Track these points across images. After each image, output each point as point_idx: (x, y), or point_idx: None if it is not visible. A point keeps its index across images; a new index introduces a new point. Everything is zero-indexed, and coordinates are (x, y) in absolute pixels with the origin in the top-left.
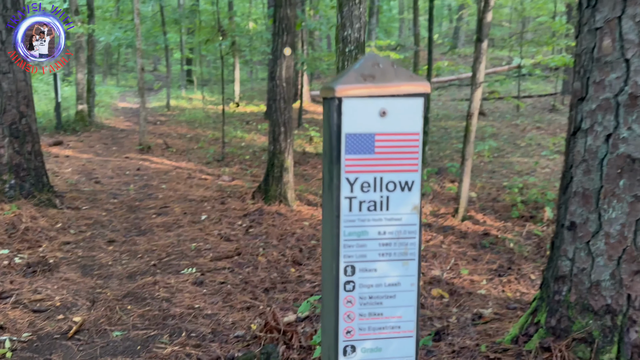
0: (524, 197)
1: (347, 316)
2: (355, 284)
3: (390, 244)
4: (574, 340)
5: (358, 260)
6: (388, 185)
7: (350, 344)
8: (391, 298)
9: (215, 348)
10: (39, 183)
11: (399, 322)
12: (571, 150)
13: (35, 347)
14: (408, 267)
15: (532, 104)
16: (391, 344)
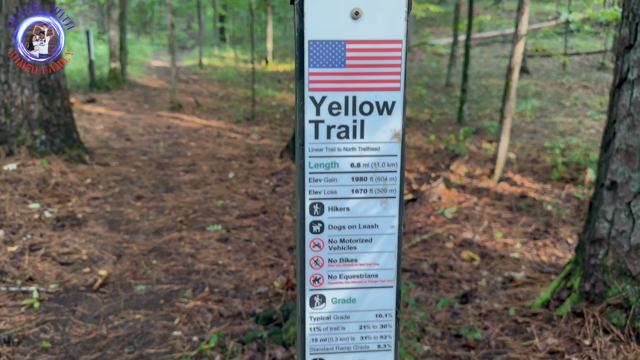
0: (566, 158)
1: (315, 262)
2: (324, 224)
3: (365, 179)
4: (609, 305)
5: (327, 197)
6: (363, 107)
7: (319, 293)
8: (367, 242)
9: (237, 304)
10: (69, 139)
11: (376, 270)
12: (615, 103)
13: (62, 298)
14: (387, 206)
15: (580, 62)
16: (367, 295)
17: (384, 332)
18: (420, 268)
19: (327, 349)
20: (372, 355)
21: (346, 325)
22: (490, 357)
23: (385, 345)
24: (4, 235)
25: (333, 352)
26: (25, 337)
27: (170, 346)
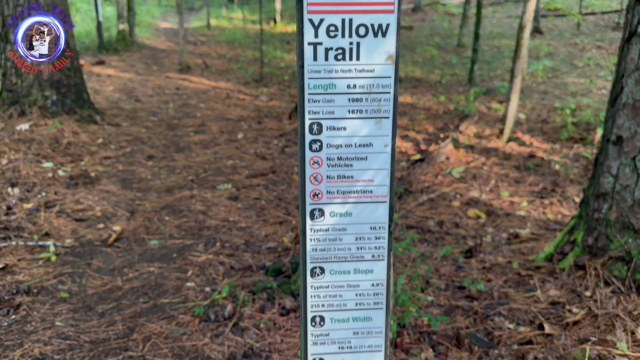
0: (576, 118)
1: (314, 178)
2: (323, 143)
3: (361, 100)
4: (611, 258)
5: (325, 117)
6: (359, 29)
7: (318, 207)
8: (362, 160)
9: (247, 257)
10: (80, 99)
11: (370, 186)
12: (624, 57)
13: (78, 252)
14: (381, 125)
15: (595, 22)
16: (362, 209)
17: (377, 244)
18: (426, 225)
19: (325, 258)
20: (367, 265)
21: (343, 237)
22: (492, 308)
23: (379, 256)
24: (20, 193)
25: (331, 261)
26: (44, 288)
27: (183, 296)
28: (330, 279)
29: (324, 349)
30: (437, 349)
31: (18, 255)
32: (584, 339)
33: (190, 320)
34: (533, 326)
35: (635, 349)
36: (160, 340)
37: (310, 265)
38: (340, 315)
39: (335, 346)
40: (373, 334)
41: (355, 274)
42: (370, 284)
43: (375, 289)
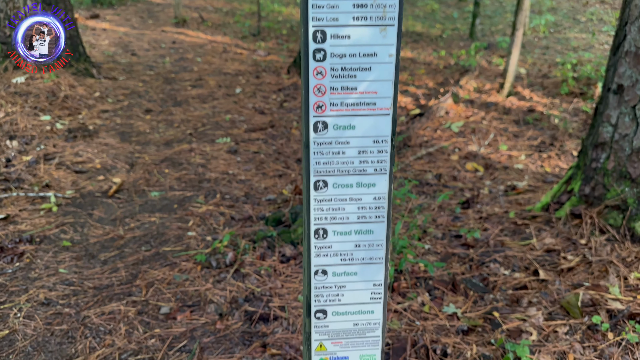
0: (577, 73)
1: (318, 89)
2: (326, 52)
3: (366, 5)
4: (607, 207)
5: (329, 24)
6: None
7: (322, 119)
8: (366, 71)
9: (247, 209)
10: (76, 52)
11: (374, 98)
12: (628, 4)
13: (79, 203)
14: (386, 34)
15: None
16: (365, 122)
17: (380, 157)
18: (425, 178)
19: (329, 171)
20: (369, 178)
21: (346, 150)
22: (488, 255)
23: (381, 169)
24: (18, 146)
25: (334, 174)
26: (46, 237)
27: (185, 244)
28: (333, 192)
29: (327, 261)
30: (433, 293)
31: (19, 205)
32: (577, 284)
33: (193, 267)
34: (528, 272)
35: (627, 294)
36: (163, 285)
37: (314, 179)
38: (342, 228)
39: (338, 258)
40: (374, 246)
41: (358, 188)
42: (372, 198)
43: (377, 202)
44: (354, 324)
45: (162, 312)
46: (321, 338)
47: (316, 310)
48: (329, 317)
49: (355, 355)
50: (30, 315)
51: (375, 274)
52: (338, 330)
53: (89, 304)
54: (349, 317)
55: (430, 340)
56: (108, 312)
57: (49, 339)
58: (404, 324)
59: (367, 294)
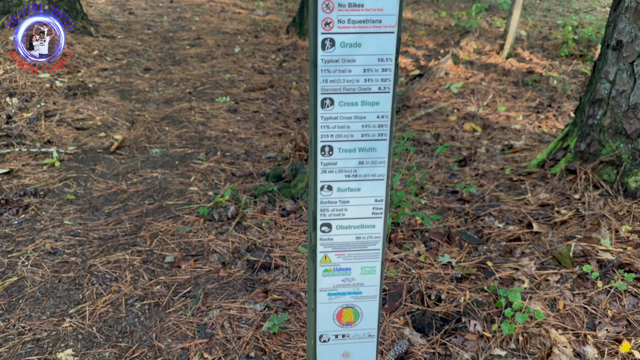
0: (577, 35)
1: (326, 5)
2: None
3: None
4: (601, 163)
5: None
6: None
7: (329, 37)
8: None
9: (248, 165)
10: (72, 10)
11: (380, 15)
12: None
13: (81, 158)
14: None
15: None
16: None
17: (384, 76)
18: (423, 138)
19: (335, 89)
20: (374, 96)
21: (352, 68)
22: (483, 209)
23: (385, 88)
24: (19, 102)
25: (340, 92)
26: (50, 190)
27: (187, 199)
28: (339, 110)
29: (332, 177)
30: (428, 244)
31: (22, 161)
32: (570, 237)
33: (195, 220)
34: (522, 225)
35: (617, 245)
36: (167, 237)
37: (321, 97)
38: (347, 145)
39: (342, 174)
40: (377, 163)
41: (363, 106)
42: (376, 116)
43: (380, 120)
44: (356, 237)
45: (167, 261)
46: (326, 250)
47: (322, 224)
48: (334, 230)
49: (357, 267)
50: (38, 263)
51: (377, 190)
52: (342, 243)
53: (94, 254)
54: (352, 231)
55: (425, 287)
56: (113, 260)
57: (57, 286)
58: (400, 272)
59: (369, 209)
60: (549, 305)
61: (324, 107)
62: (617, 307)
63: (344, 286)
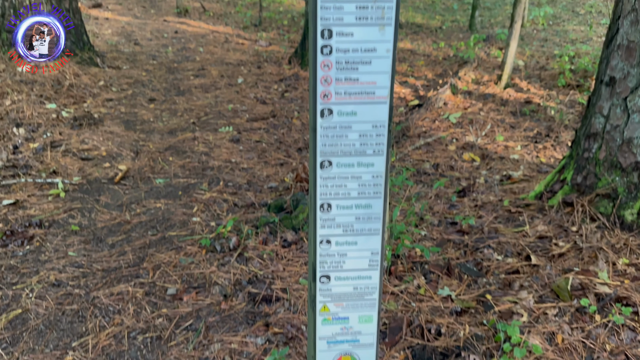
0: (574, 65)
1: (324, 80)
2: (332, 48)
3: (367, 7)
4: (598, 196)
5: (335, 23)
6: None
7: (328, 107)
8: (367, 64)
9: (250, 196)
10: (80, 41)
11: (373, 88)
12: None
13: (85, 189)
14: (384, 32)
15: None
16: (366, 109)
17: (378, 140)
18: (423, 168)
19: (333, 152)
20: (369, 159)
21: (349, 134)
22: (482, 241)
23: (379, 151)
24: (25, 133)
25: (338, 155)
26: (55, 221)
27: (190, 229)
28: (337, 171)
29: (330, 232)
30: (428, 276)
31: (28, 191)
32: (568, 269)
33: (198, 251)
34: (520, 258)
35: (615, 278)
36: (169, 268)
37: (320, 159)
38: (344, 202)
39: (340, 229)
40: (372, 219)
41: (359, 167)
42: (371, 176)
43: (375, 180)
44: (353, 287)
45: (169, 293)
46: (325, 300)
47: (321, 276)
48: (332, 281)
49: (355, 316)
50: (42, 295)
51: (373, 244)
52: (340, 294)
53: (98, 285)
54: (350, 282)
55: (425, 321)
56: (116, 293)
57: (61, 318)
58: (400, 305)
59: (365, 261)
60: (548, 340)
61: (323, 168)
62: (615, 341)
63: (343, 334)
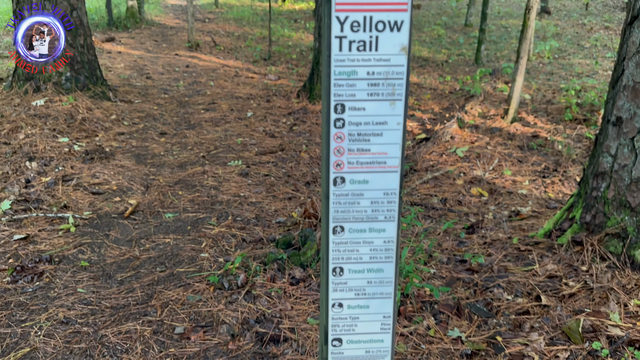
0: (580, 99)
1: (337, 151)
2: (345, 121)
3: (378, 84)
4: (607, 235)
5: (348, 99)
6: (377, 25)
7: (340, 175)
8: (378, 136)
9: (258, 231)
10: (93, 76)
11: (384, 158)
12: (625, 41)
13: (96, 224)
14: (395, 107)
15: (603, 2)
16: (377, 177)
17: (389, 207)
18: (430, 202)
19: (345, 218)
20: (380, 224)
21: (360, 201)
22: (492, 280)
23: (391, 217)
24: (38, 167)
25: (350, 221)
26: (65, 257)
27: (198, 266)
28: (349, 236)
29: (343, 295)
30: (438, 317)
31: (38, 226)
32: (578, 310)
33: (206, 288)
34: (530, 298)
35: (627, 320)
36: (177, 306)
37: (332, 225)
38: (356, 267)
39: (352, 293)
40: (384, 283)
41: (370, 232)
42: (382, 241)
43: (386, 245)
44: (365, 351)
45: (177, 332)
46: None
47: (333, 339)
48: (344, 344)
49: None
50: (50, 333)
51: (384, 307)
52: (352, 357)
53: (106, 323)
54: (362, 345)
55: None
56: (125, 331)
57: (68, 357)
58: (410, 348)
59: (377, 324)
60: None
61: (335, 234)
62: None
63: None
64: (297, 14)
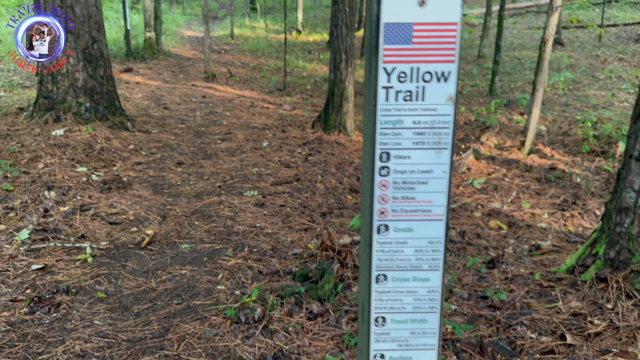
0: (597, 131)
1: (382, 198)
2: (390, 169)
3: (424, 133)
4: (632, 272)
5: (393, 147)
6: (424, 76)
7: (384, 223)
8: (423, 184)
9: (274, 263)
10: (112, 106)
11: (429, 206)
12: None
13: (112, 254)
14: (441, 155)
15: (617, 33)
16: (422, 226)
17: (434, 256)
18: (449, 235)
19: (389, 267)
20: (424, 274)
21: (404, 249)
22: (515, 317)
23: (435, 266)
24: (56, 196)
25: (393, 269)
26: (82, 287)
27: (215, 298)
28: (392, 285)
29: (385, 346)
30: (460, 356)
31: (56, 256)
32: (605, 350)
33: (222, 322)
34: (555, 336)
35: None
36: (194, 340)
37: (376, 273)
38: (399, 317)
39: (395, 344)
40: (428, 334)
41: (414, 282)
42: (426, 291)
43: (431, 295)
44: None
45: None
46: None
47: None
48: None
49: None
50: None
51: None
52: None
53: (122, 357)
54: None
55: None
56: None
57: None
58: None
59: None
60: None
61: (378, 282)
62: None
63: None
64: (311, 46)
